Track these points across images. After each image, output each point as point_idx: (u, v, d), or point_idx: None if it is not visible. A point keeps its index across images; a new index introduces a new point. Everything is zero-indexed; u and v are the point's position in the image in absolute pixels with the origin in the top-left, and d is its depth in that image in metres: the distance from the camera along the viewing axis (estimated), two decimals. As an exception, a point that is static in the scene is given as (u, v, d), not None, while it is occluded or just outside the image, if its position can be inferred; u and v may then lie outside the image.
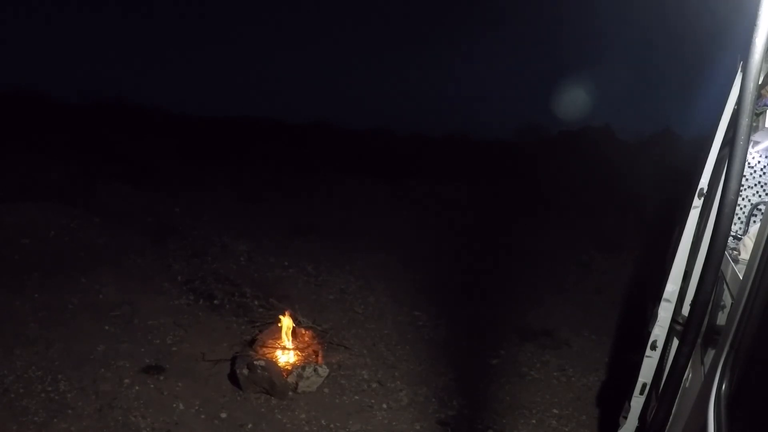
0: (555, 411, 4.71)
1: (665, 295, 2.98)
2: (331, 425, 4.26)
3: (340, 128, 16.43)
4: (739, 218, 3.47)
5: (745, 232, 3.36)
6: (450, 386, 4.93)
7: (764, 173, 3.42)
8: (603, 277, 7.67)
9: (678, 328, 2.86)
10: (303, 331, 5.22)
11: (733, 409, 1.43)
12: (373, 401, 4.62)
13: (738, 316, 1.50)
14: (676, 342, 2.76)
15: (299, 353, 4.90)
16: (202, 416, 4.19)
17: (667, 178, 7.66)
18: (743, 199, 3.49)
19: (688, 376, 2.17)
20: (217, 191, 9.64)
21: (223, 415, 4.22)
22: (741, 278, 1.71)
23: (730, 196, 1.50)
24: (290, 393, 4.50)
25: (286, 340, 4.98)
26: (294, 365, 4.69)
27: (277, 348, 4.89)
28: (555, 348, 5.80)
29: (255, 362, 4.45)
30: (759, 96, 2.05)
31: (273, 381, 4.41)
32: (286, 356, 4.85)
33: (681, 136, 14.01)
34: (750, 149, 3.20)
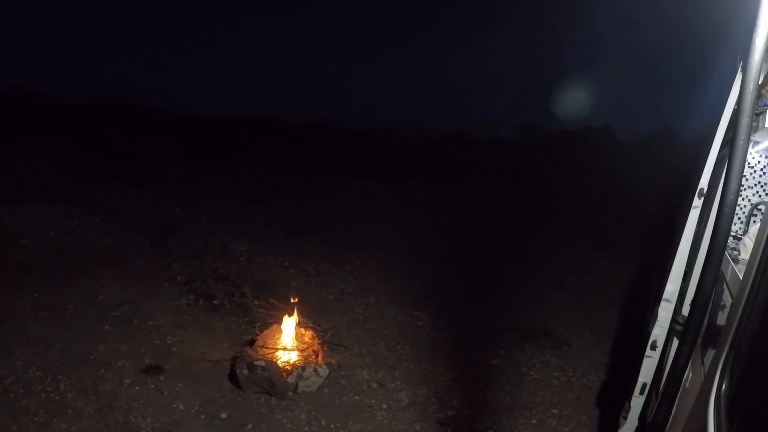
0: (555, 411, 4.71)
1: (665, 295, 2.97)
2: (331, 425, 4.26)
3: (340, 128, 16.45)
4: (739, 218, 3.47)
5: (745, 232, 3.36)
6: (450, 386, 4.93)
7: (764, 173, 3.41)
8: (603, 277, 7.66)
9: (678, 328, 2.86)
10: (303, 331, 5.21)
11: (733, 409, 1.43)
12: (373, 401, 4.62)
13: (738, 316, 1.50)
14: (676, 342, 2.76)
15: (299, 353, 4.90)
16: (202, 416, 4.19)
17: (667, 178, 7.67)
18: (743, 199, 3.49)
19: (688, 376, 2.17)
20: (216, 191, 9.64)
21: (223, 415, 4.22)
22: (741, 278, 1.71)
23: (730, 196, 1.50)
24: (290, 393, 4.50)
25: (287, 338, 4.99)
26: (294, 365, 4.69)
27: (277, 348, 4.89)
28: (555, 348, 5.80)
29: (255, 362, 4.45)
30: (759, 96, 2.05)
31: (273, 381, 4.41)
32: (286, 356, 4.85)
33: (681, 136, 14.03)
34: (750, 149, 3.19)
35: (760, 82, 1.63)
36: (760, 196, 3.45)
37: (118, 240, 6.66)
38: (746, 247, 2.58)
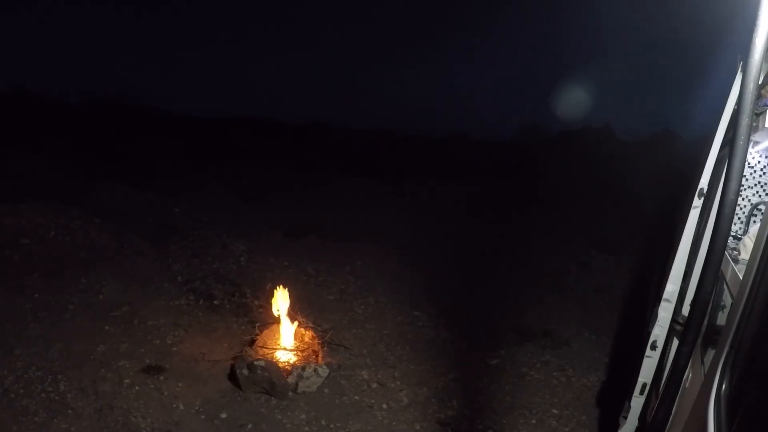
0: (555, 411, 4.71)
1: (665, 295, 2.97)
2: (331, 425, 4.26)
3: (340, 128, 16.48)
4: (739, 218, 3.47)
5: (745, 232, 3.36)
6: (450, 386, 4.93)
7: (764, 173, 3.42)
8: (603, 277, 7.66)
9: (678, 328, 2.86)
10: (303, 331, 5.22)
11: (733, 409, 1.43)
12: (373, 401, 4.62)
13: (738, 316, 1.50)
14: (676, 342, 2.76)
15: (299, 353, 4.90)
16: (202, 416, 4.19)
17: (667, 178, 7.66)
18: (743, 199, 3.49)
19: (688, 376, 2.17)
20: (217, 191, 9.64)
21: (223, 415, 4.22)
22: (741, 278, 1.71)
23: (730, 196, 1.50)
24: (290, 393, 4.50)
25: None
26: (294, 365, 4.69)
27: (277, 348, 4.89)
28: (555, 348, 5.80)
29: (255, 362, 4.45)
30: (759, 96, 2.05)
31: (273, 381, 4.41)
32: (286, 356, 4.85)
33: (681, 136, 14.04)
34: (750, 149, 3.20)
35: (760, 82, 1.63)
36: (760, 196, 3.46)
37: (118, 240, 6.66)
38: (746, 247, 2.59)
